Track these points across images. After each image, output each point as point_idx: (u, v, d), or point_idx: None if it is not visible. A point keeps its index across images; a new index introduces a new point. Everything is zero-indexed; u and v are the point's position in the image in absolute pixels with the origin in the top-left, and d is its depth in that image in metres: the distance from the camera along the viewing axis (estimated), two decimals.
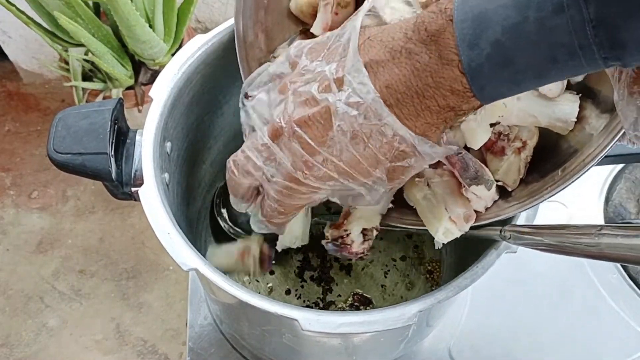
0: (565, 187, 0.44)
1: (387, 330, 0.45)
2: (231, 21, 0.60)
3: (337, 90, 0.38)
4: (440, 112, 0.36)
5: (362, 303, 0.71)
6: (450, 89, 0.34)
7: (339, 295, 0.72)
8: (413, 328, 0.47)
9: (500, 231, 0.48)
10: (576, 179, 0.44)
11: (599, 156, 0.42)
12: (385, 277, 0.73)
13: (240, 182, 0.45)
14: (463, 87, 0.34)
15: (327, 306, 0.71)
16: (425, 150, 0.39)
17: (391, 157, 0.39)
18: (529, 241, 0.45)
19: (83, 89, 1.36)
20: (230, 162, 0.46)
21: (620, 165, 0.86)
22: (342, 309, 0.70)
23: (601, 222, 0.81)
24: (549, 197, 0.45)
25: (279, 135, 0.41)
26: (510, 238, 0.47)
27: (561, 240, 0.42)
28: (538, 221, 0.51)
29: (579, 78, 0.46)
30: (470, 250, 0.54)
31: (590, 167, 0.42)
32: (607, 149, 0.41)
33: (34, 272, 1.47)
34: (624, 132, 0.40)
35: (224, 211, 0.72)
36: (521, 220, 0.51)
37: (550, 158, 0.48)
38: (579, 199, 0.83)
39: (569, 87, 0.47)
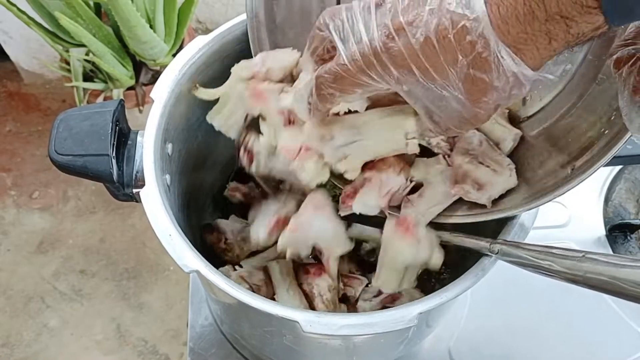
0: (575, 185, 0.44)
1: (388, 332, 0.45)
2: (231, 22, 0.60)
3: None
4: (547, 22, 0.32)
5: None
6: None
7: None
8: (413, 329, 0.47)
9: (490, 245, 0.48)
10: (587, 178, 0.44)
11: (609, 155, 0.41)
12: None
13: (322, 30, 0.41)
14: None
15: None
16: (509, 66, 0.34)
17: (470, 60, 0.34)
18: (515, 259, 0.46)
19: (84, 89, 1.36)
20: (324, 12, 0.41)
21: (620, 166, 0.86)
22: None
23: (601, 222, 0.81)
24: (557, 196, 0.45)
25: (379, 5, 0.38)
26: (498, 253, 0.47)
27: (548, 263, 0.42)
28: (538, 221, 0.51)
29: None
30: (471, 251, 0.54)
31: (600, 166, 0.42)
32: (617, 148, 0.41)
33: (34, 272, 1.47)
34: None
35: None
36: (521, 220, 0.51)
37: (554, 157, 0.48)
38: (579, 199, 0.83)
39: None
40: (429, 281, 0.71)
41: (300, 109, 0.46)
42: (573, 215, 0.82)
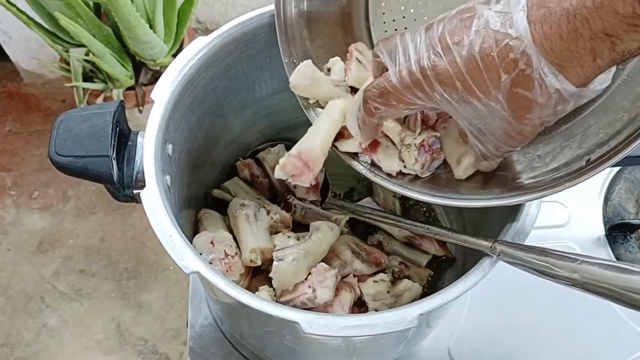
0: (590, 177, 0.44)
1: (388, 333, 0.45)
2: (231, 22, 0.60)
3: (495, 2, 0.36)
4: (592, 40, 0.32)
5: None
6: (612, 9, 0.30)
7: None
8: (413, 330, 0.47)
9: (491, 247, 0.49)
10: (600, 172, 0.44)
11: (625, 152, 0.41)
12: None
13: (377, 57, 0.44)
14: (632, 7, 0.29)
15: None
16: (552, 83, 0.34)
17: (513, 78, 0.35)
18: (516, 260, 0.46)
19: (84, 89, 1.36)
20: (380, 39, 0.44)
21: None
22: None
23: (600, 222, 0.81)
24: (569, 187, 0.46)
25: (429, 28, 0.40)
26: (499, 254, 0.48)
27: (547, 266, 0.43)
28: (538, 221, 0.51)
29: None
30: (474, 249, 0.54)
31: (614, 163, 0.42)
32: (634, 146, 0.41)
33: (34, 272, 1.47)
34: None
35: None
36: (522, 221, 0.51)
37: (569, 149, 0.48)
38: (579, 199, 0.83)
39: None
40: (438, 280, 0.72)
41: (351, 125, 0.49)
42: (573, 215, 0.82)
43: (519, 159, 0.51)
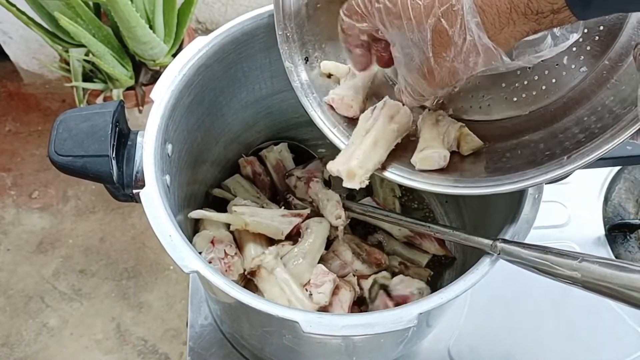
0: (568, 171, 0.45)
1: (388, 332, 0.45)
2: (231, 23, 0.60)
3: None
4: None
5: None
6: None
7: None
8: (413, 329, 0.47)
9: (492, 244, 0.49)
10: (580, 166, 0.44)
11: (606, 147, 0.42)
12: None
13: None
14: None
15: None
16: (469, 20, 0.39)
17: (443, 10, 0.39)
18: (516, 259, 0.46)
19: (84, 89, 1.36)
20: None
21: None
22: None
23: (600, 222, 0.81)
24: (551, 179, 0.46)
25: None
26: (500, 252, 0.48)
27: (547, 264, 0.43)
28: (538, 221, 0.51)
29: None
30: (474, 249, 0.54)
31: (596, 157, 0.43)
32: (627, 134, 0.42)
33: (34, 272, 1.47)
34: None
35: None
36: (522, 220, 0.51)
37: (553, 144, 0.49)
38: (579, 199, 0.83)
39: None
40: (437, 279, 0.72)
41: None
42: (573, 215, 0.82)
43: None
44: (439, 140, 0.53)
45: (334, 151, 0.54)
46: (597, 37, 0.47)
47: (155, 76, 1.42)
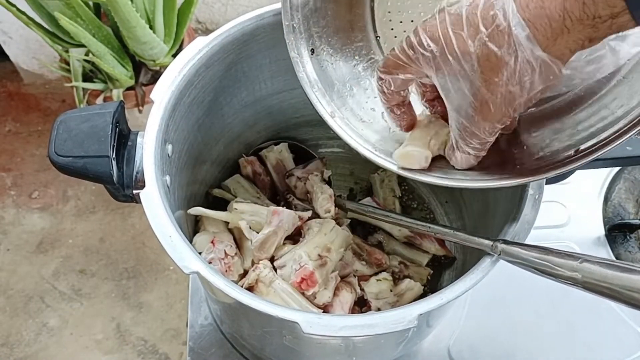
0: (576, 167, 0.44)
1: (388, 333, 0.45)
2: (231, 23, 0.60)
3: None
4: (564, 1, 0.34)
5: None
6: None
7: None
8: (413, 330, 0.47)
9: (492, 245, 0.49)
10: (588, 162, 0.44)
11: (614, 144, 0.42)
12: None
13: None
14: None
15: None
16: (519, 34, 0.36)
17: (489, 33, 0.38)
18: (516, 259, 0.46)
19: (84, 89, 1.36)
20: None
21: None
22: None
23: (600, 222, 0.81)
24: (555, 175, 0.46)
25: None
26: (500, 253, 0.48)
27: (547, 265, 0.43)
28: (538, 221, 0.51)
29: None
30: (475, 249, 0.54)
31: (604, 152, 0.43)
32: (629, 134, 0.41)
33: (34, 272, 1.47)
34: None
35: None
36: (522, 221, 0.51)
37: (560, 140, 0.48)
38: (579, 199, 0.83)
39: None
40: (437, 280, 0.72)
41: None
42: (572, 215, 0.82)
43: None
44: (425, 141, 0.53)
45: (334, 151, 0.54)
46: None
47: (155, 76, 1.42)
